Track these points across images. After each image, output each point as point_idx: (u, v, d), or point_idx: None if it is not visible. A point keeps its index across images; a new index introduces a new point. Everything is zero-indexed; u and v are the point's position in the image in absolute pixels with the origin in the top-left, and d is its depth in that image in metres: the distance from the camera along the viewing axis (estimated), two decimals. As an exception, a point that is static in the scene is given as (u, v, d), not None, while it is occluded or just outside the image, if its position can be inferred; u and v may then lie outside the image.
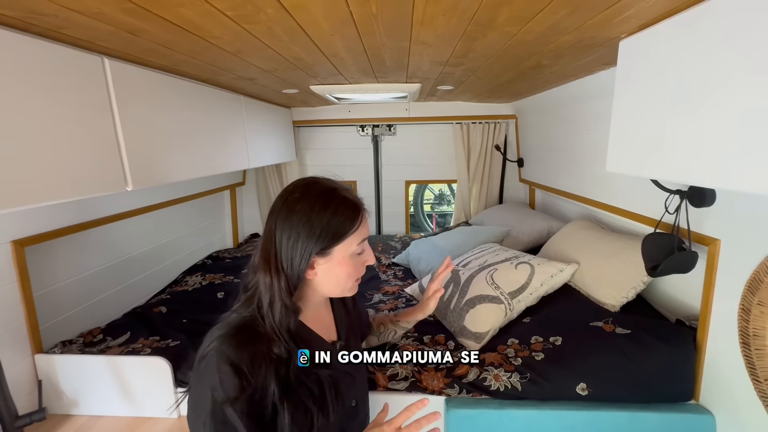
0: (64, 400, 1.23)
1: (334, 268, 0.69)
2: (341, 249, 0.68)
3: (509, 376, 1.12)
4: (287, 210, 0.66)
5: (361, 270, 0.73)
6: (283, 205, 0.68)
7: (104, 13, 0.75)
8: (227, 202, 2.74)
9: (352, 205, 0.69)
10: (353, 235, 0.69)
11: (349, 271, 0.71)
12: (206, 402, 0.59)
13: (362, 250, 0.72)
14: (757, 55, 0.60)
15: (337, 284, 0.72)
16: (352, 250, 0.69)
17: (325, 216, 0.66)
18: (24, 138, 0.81)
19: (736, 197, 0.97)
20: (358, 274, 0.73)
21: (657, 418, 1.06)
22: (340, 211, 0.67)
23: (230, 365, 0.59)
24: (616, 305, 1.32)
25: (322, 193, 0.68)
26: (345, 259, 0.69)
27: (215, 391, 0.59)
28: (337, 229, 0.67)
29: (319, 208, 0.66)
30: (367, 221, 0.73)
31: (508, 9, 0.78)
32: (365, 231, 0.72)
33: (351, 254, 0.70)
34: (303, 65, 1.28)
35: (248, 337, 0.64)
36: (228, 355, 0.60)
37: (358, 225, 0.69)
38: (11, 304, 1.18)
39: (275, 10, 0.76)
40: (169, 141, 1.28)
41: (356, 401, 0.79)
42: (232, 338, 0.63)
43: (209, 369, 0.60)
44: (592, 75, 1.44)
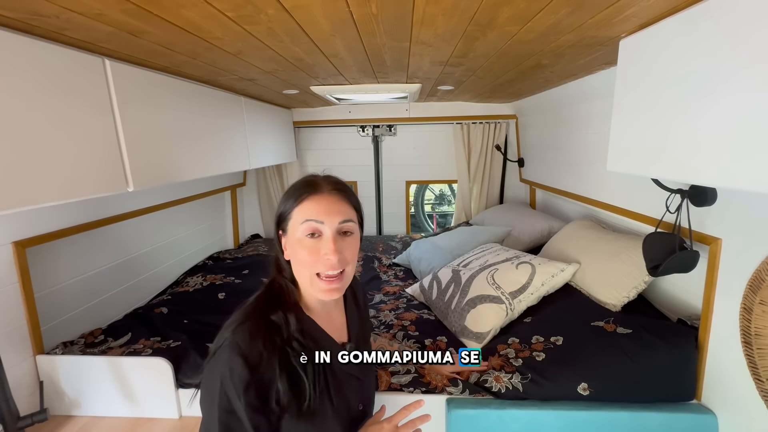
0: (66, 400, 1.23)
1: (290, 248, 0.69)
2: (291, 227, 0.68)
3: (510, 377, 1.12)
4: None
5: (316, 260, 0.66)
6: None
7: (105, 15, 0.75)
8: (228, 203, 2.74)
9: (305, 183, 0.70)
10: (296, 210, 0.67)
11: (301, 258, 0.66)
12: (215, 391, 0.60)
13: (312, 232, 0.66)
14: (758, 53, 0.60)
15: (296, 271, 0.69)
16: (297, 230, 0.66)
17: (285, 192, 0.71)
18: (25, 139, 0.81)
19: (737, 196, 0.97)
20: (313, 265, 0.66)
21: (659, 417, 1.06)
22: (295, 186, 0.70)
23: (241, 356, 0.60)
24: (618, 305, 1.31)
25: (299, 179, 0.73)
26: (294, 240, 0.67)
27: (224, 380, 0.60)
28: (285, 201, 0.70)
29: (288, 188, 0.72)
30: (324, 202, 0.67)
31: (509, 8, 0.78)
32: (312, 211, 0.66)
33: (299, 236, 0.66)
34: (303, 66, 1.28)
35: (259, 327, 0.65)
36: (240, 346, 0.61)
37: (302, 201, 0.67)
38: (13, 305, 1.18)
39: (276, 10, 0.76)
40: (170, 142, 1.28)
41: (363, 405, 0.78)
42: (245, 329, 0.64)
43: (222, 359, 0.61)
44: (593, 74, 1.44)
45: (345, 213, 0.68)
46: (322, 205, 0.67)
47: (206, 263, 2.25)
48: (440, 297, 1.52)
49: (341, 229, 0.68)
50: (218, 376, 0.60)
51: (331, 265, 0.65)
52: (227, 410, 0.60)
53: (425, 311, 1.56)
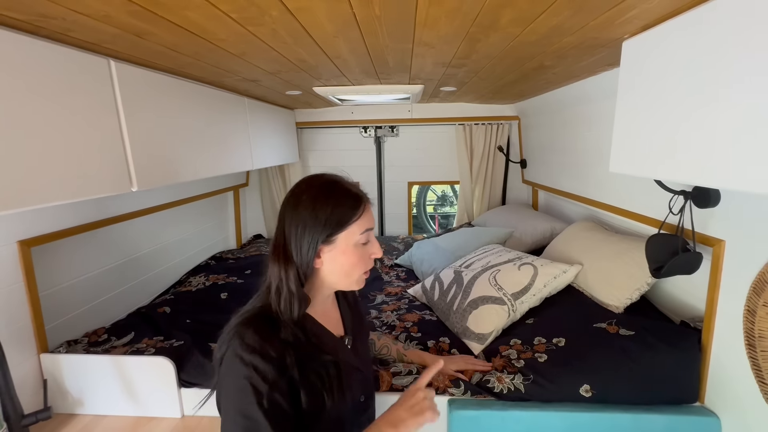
0: (69, 399, 1.24)
1: (339, 257, 0.72)
2: (345, 237, 0.71)
3: (512, 378, 1.12)
4: (294, 201, 0.72)
5: (367, 262, 0.75)
6: (291, 197, 0.73)
7: (111, 16, 0.76)
8: (231, 203, 2.75)
9: (354, 195, 0.73)
10: (355, 223, 0.71)
11: (354, 261, 0.73)
12: (246, 393, 0.60)
13: (366, 240, 0.74)
14: (762, 55, 0.60)
15: (344, 274, 0.74)
16: (355, 239, 0.72)
17: (329, 205, 0.70)
18: (30, 139, 0.82)
19: (740, 198, 0.97)
20: (365, 265, 0.75)
21: (661, 420, 1.06)
22: (342, 201, 0.72)
23: (256, 353, 0.62)
24: (620, 306, 1.31)
25: (324, 184, 0.73)
26: (349, 247, 0.72)
27: (252, 379, 0.61)
28: (340, 217, 0.70)
29: (323, 197, 0.71)
30: (370, 213, 0.75)
31: (511, 10, 0.78)
32: (368, 221, 0.74)
33: (355, 243, 0.72)
34: (306, 67, 1.29)
35: (266, 324, 0.67)
36: (251, 344, 0.63)
37: (360, 214, 0.72)
38: (17, 304, 1.19)
39: (279, 12, 0.77)
40: (174, 142, 1.29)
41: (365, 397, 0.80)
42: (250, 328, 0.65)
43: (237, 362, 0.62)
44: (595, 76, 1.44)
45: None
46: (371, 215, 0.76)
47: (209, 263, 2.26)
48: (442, 298, 1.52)
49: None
50: (243, 378, 0.61)
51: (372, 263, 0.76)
52: (268, 404, 0.60)
53: (427, 312, 1.56)
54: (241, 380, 0.61)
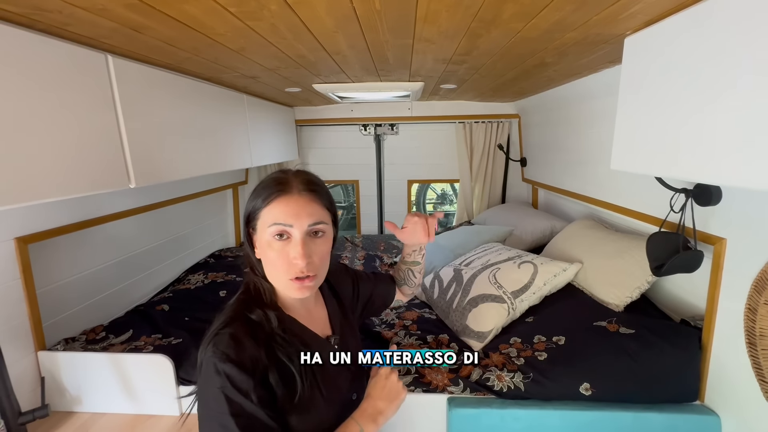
0: (67, 397, 1.23)
1: (263, 248, 0.67)
2: (261, 227, 0.66)
3: (512, 376, 1.11)
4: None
5: (288, 263, 0.65)
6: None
7: (108, 10, 0.75)
8: (230, 200, 2.74)
9: (274, 182, 0.67)
10: (265, 209, 0.65)
11: (272, 259, 0.65)
12: (221, 402, 0.58)
13: (278, 234, 0.64)
14: (766, 51, 0.59)
15: (269, 273, 0.68)
16: (265, 232, 0.65)
17: (255, 189, 0.68)
18: (27, 134, 0.81)
19: (742, 196, 0.96)
20: (287, 268, 0.65)
21: (661, 418, 1.05)
22: (264, 184, 0.68)
23: (232, 362, 0.59)
24: (620, 305, 1.31)
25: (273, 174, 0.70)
26: (262, 242, 0.66)
27: (226, 389, 0.58)
28: (255, 199, 0.67)
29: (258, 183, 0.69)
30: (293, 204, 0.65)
31: (513, 5, 0.77)
32: (279, 213, 0.64)
33: (267, 239, 0.65)
34: (306, 63, 1.28)
35: (243, 326, 0.64)
36: (226, 353, 0.60)
37: (269, 203, 0.65)
38: (15, 301, 1.18)
39: (278, 6, 0.76)
40: (172, 139, 1.28)
41: (356, 394, 0.79)
42: (226, 334, 0.62)
43: (214, 371, 0.60)
44: (596, 73, 1.43)
45: (315, 215, 0.66)
46: (291, 207, 0.65)
47: (208, 261, 2.26)
48: (442, 296, 1.51)
49: (311, 231, 0.66)
50: (218, 388, 0.59)
51: (299, 269, 0.65)
52: (242, 414, 0.58)
53: (426, 310, 1.56)
54: (216, 390, 0.59)
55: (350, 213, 4.53)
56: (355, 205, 3.03)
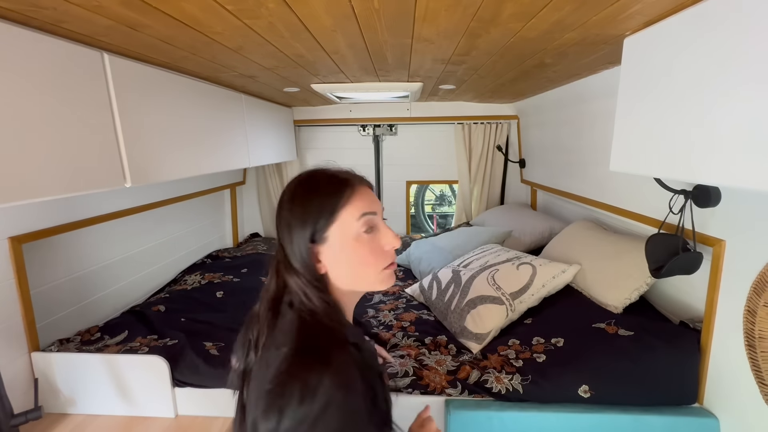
0: (61, 398, 1.22)
1: (340, 255, 0.59)
2: (337, 230, 0.58)
3: (510, 378, 1.11)
4: (279, 207, 0.62)
5: (381, 255, 0.60)
6: (280, 202, 0.63)
7: (103, 7, 0.74)
8: (227, 201, 2.73)
9: (335, 180, 0.61)
10: (344, 209, 0.59)
11: (363, 256, 0.59)
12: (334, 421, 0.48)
13: (368, 227, 0.59)
14: (765, 52, 0.59)
15: (355, 275, 0.61)
16: (352, 228, 0.59)
17: (306, 198, 0.60)
18: (21, 132, 0.80)
19: (741, 197, 0.96)
20: (379, 260, 0.60)
21: (660, 421, 1.05)
22: (322, 188, 0.60)
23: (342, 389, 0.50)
24: (619, 307, 1.30)
25: (304, 178, 0.63)
26: (348, 240, 0.59)
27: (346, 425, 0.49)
28: (321, 207, 0.58)
29: (300, 192, 0.61)
30: (368, 196, 0.61)
31: (512, 5, 0.77)
32: (363, 204, 0.60)
33: (355, 235, 0.59)
34: (304, 62, 1.27)
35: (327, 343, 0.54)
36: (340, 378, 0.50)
37: (348, 198, 0.59)
38: (8, 302, 1.16)
39: (276, 4, 0.75)
40: (169, 138, 1.27)
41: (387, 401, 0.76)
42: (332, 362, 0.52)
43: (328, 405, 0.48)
44: (595, 74, 1.43)
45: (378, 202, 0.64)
46: (368, 197, 0.61)
47: (205, 261, 2.24)
48: (440, 297, 1.51)
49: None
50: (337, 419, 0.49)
51: (392, 254, 0.62)
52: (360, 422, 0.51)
53: (425, 311, 1.55)
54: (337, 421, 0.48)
55: (349, 214, 4.49)
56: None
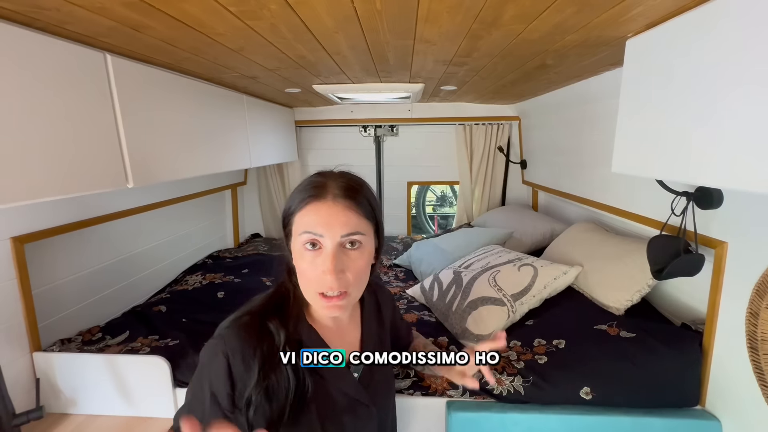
0: (62, 398, 1.22)
1: (295, 257, 0.62)
2: (294, 232, 0.61)
3: (512, 379, 1.10)
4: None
5: (318, 277, 0.59)
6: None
7: (107, 8, 0.75)
8: (228, 201, 2.73)
9: (311, 183, 0.62)
10: (298, 214, 0.60)
11: (302, 268, 0.60)
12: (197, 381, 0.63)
13: (311, 242, 0.59)
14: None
15: (302, 283, 0.63)
16: (298, 238, 0.60)
17: (295, 189, 0.65)
18: (25, 133, 0.80)
19: (743, 199, 0.96)
20: (315, 281, 0.59)
21: (662, 423, 1.05)
22: (301, 186, 0.63)
23: (224, 356, 0.60)
24: (621, 308, 1.30)
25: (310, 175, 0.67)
26: (296, 248, 0.61)
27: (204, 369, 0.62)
28: (291, 201, 0.63)
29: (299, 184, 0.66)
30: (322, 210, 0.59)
31: (514, 6, 0.77)
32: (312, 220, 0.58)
33: (300, 245, 0.60)
34: (306, 63, 1.27)
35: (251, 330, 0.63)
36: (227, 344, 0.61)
37: (305, 204, 0.60)
38: (10, 302, 1.17)
39: (279, 6, 0.76)
40: (171, 139, 1.27)
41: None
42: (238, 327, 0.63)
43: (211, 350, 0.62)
44: (597, 76, 1.43)
45: (350, 225, 0.59)
46: (322, 215, 0.58)
47: (206, 262, 2.24)
48: (441, 298, 1.50)
49: (344, 242, 0.59)
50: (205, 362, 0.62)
51: (328, 285, 0.58)
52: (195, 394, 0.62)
53: (426, 313, 1.55)
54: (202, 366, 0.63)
55: (349, 214, 4.50)
56: (355, 206, 3.02)
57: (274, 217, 2.89)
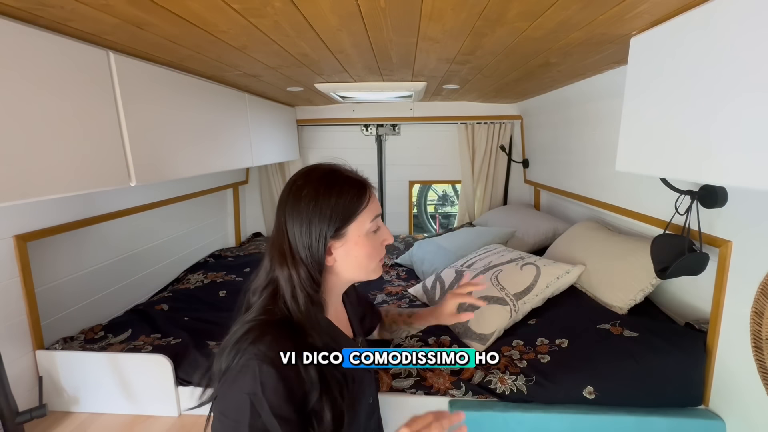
0: (65, 396, 1.22)
1: (353, 249, 0.68)
2: (355, 228, 0.67)
3: (515, 379, 1.10)
4: (294, 198, 0.65)
5: (381, 250, 0.72)
6: (288, 194, 0.66)
7: (110, 6, 0.75)
8: (230, 200, 2.73)
9: (357, 183, 0.69)
10: (364, 211, 0.68)
11: (369, 251, 0.69)
12: (243, 412, 0.54)
13: (377, 227, 0.71)
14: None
15: (359, 266, 0.70)
16: (366, 227, 0.68)
17: (332, 196, 0.65)
18: (28, 131, 0.80)
19: (748, 198, 0.95)
20: (379, 254, 0.72)
21: (665, 423, 1.04)
22: (345, 190, 0.67)
23: (272, 366, 0.55)
24: (624, 308, 1.30)
25: (324, 176, 0.68)
26: (361, 238, 0.68)
27: (255, 397, 0.55)
28: (346, 208, 0.66)
29: (324, 190, 0.65)
30: (375, 198, 0.72)
31: (519, 4, 0.76)
32: (375, 207, 0.70)
33: (366, 233, 0.68)
34: (308, 62, 1.27)
35: (285, 333, 0.60)
36: (268, 355, 0.56)
37: (367, 201, 0.69)
38: (13, 300, 1.17)
39: (282, 3, 0.75)
40: (173, 137, 1.27)
41: (373, 398, 0.78)
42: (269, 336, 0.59)
43: (246, 373, 0.56)
44: (600, 74, 1.42)
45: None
46: (376, 200, 0.72)
47: (207, 261, 2.24)
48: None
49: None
50: (246, 394, 0.55)
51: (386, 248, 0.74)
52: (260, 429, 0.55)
53: (428, 312, 1.54)
54: (243, 395, 0.55)
55: (351, 214, 4.49)
56: (356, 205, 3.02)
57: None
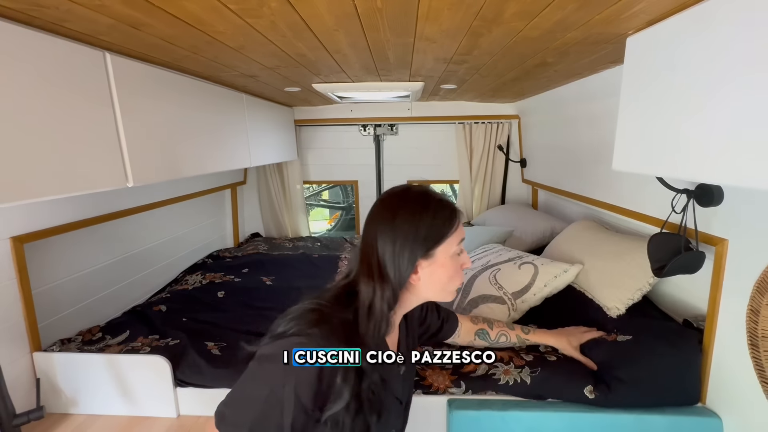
0: (63, 398, 1.22)
1: (437, 270, 0.71)
2: (443, 250, 0.70)
3: (520, 370, 1.10)
4: (389, 216, 0.68)
5: (460, 273, 0.75)
6: (383, 211, 0.70)
7: (106, 6, 0.74)
8: (228, 201, 2.73)
9: (449, 206, 0.73)
10: (453, 235, 0.71)
11: (451, 273, 0.72)
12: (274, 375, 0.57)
13: (461, 251, 0.74)
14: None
15: (441, 287, 0.73)
16: (452, 250, 0.72)
17: (427, 218, 0.69)
18: (24, 132, 0.80)
19: (744, 196, 0.96)
20: (459, 277, 0.75)
21: (663, 421, 1.05)
22: (439, 213, 0.70)
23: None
24: (622, 307, 1.30)
25: (419, 196, 0.71)
26: (447, 260, 0.71)
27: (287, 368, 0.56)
28: (439, 230, 0.70)
29: (419, 211, 0.69)
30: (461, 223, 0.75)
31: (515, 3, 0.77)
32: (462, 231, 0.74)
33: (452, 255, 0.72)
34: (306, 62, 1.27)
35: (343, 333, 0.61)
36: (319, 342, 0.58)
37: (457, 225, 0.72)
38: (10, 302, 1.16)
39: (279, 3, 0.75)
40: (171, 138, 1.27)
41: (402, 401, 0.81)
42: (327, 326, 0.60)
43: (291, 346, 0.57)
44: (596, 74, 1.43)
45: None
46: (462, 226, 0.75)
47: (206, 261, 2.24)
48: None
49: None
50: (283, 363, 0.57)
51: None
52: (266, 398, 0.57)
53: (426, 311, 1.55)
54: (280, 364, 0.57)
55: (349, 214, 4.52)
56: (354, 205, 3.02)
57: (273, 216, 2.88)
